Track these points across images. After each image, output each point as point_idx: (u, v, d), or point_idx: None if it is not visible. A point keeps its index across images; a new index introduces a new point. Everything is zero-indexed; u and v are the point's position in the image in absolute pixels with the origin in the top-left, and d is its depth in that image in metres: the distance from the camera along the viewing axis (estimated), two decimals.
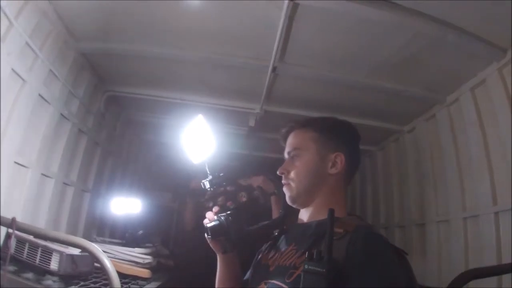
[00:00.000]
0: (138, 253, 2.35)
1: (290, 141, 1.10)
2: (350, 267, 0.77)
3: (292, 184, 1.03)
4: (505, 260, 1.93)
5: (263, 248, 1.14)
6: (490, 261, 2.01)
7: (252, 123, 3.10)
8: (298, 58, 2.36)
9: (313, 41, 2.18)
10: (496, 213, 2.09)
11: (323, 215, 0.91)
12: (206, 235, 1.05)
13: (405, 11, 1.83)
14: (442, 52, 2.14)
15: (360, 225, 0.88)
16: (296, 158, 1.05)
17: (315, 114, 2.82)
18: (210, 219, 1.06)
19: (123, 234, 2.85)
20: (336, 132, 1.08)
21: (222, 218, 1.02)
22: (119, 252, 2.33)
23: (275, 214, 2.47)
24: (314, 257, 0.75)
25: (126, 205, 3.00)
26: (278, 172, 1.07)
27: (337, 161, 1.02)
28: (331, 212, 0.79)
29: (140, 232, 2.70)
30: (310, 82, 2.61)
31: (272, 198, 2.52)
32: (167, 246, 3.50)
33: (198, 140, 1.14)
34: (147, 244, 2.64)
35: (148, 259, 2.35)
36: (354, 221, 0.93)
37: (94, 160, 3.01)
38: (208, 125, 1.13)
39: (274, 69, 2.38)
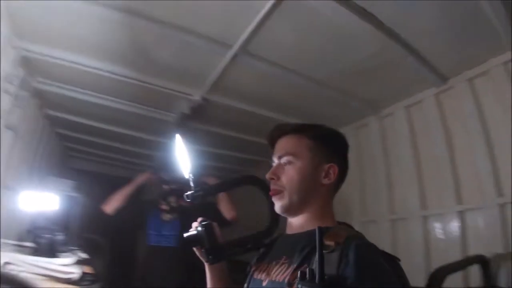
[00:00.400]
0: (58, 265, 1.90)
1: (283, 145, 1.06)
2: (345, 282, 0.77)
3: (285, 192, 1.00)
4: (434, 257, 2.30)
5: (255, 259, 1.12)
6: (418, 258, 2.37)
7: (186, 109, 2.81)
8: (263, 51, 2.20)
9: (284, 39, 2.07)
10: (425, 217, 2.44)
11: (313, 225, 0.93)
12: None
13: (376, 25, 1.87)
14: (394, 70, 2.29)
15: (350, 236, 0.87)
16: (289, 165, 1.02)
17: (260, 111, 2.84)
18: (192, 229, 1.10)
19: (35, 237, 2.32)
20: (331, 142, 1.08)
21: (200, 228, 1.04)
22: (31, 264, 1.81)
23: (226, 211, 2.44)
24: (307, 276, 0.75)
25: (39, 200, 2.42)
26: (267, 176, 1.04)
27: (330, 172, 1.02)
28: (320, 230, 0.78)
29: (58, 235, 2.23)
30: (265, 78, 2.48)
31: (220, 195, 2.42)
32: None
33: (180, 158, 1.16)
34: (68, 251, 2.23)
35: (72, 272, 1.92)
36: (343, 231, 0.91)
37: None
38: (184, 145, 1.16)
39: (234, 56, 2.18)
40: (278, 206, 1.02)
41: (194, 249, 1.10)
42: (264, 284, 0.98)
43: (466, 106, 2.28)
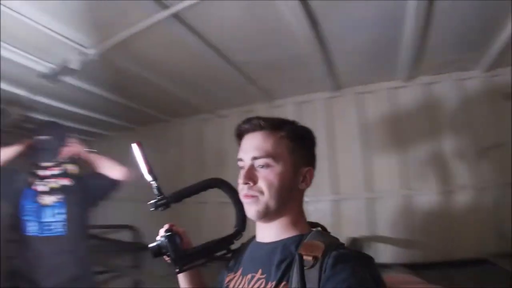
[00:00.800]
0: None
1: (259, 144, 0.93)
2: None
3: (261, 198, 0.90)
4: None
5: (227, 270, 1.04)
6: None
7: (76, 65, 2.17)
8: (197, 23, 1.95)
9: (225, 17, 1.91)
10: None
11: (288, 233, 0.92)
12: None
13: (311, 27, 1.93)
14: (301, 68, 2.45)
15: (328, 248, 0.81)
16: (267, 168, 0.91)
17: (159, 82, 2.56)
18: (159, 238, 1.04)
19: None
20: (309, 143, 1.01)
21: (162, 239, 1.01)
22: None
23: (111, 172, 2.14)
24: None
25: None
26: (241, 181, 0.92)
27: (307, 176, 0.96)
28: (300, 257, 0.78)
29: None
30: (184, 51, 2.20)
31: (91, 156, 2.18)
32: None
33: (141, 165, 1.08)
34: None
35: None
36: (319, 240, 0.85)
37: None
38: (142, 153, 1.08)
39: (165, 18, 1.84)
40: (252, 211, 0.91)
41: (166, 259, 1.04)
42: None
43: (351, 113, 2.71)
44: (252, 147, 0.93)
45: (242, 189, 0.92)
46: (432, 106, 2.63)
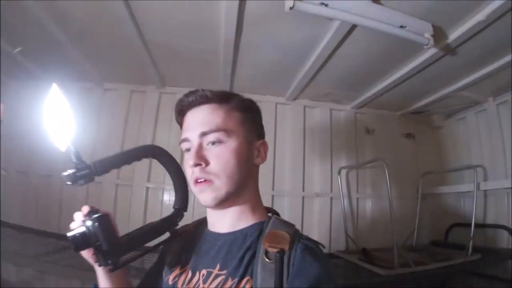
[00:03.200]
0: None
1: (206, 118, 0.82)
2: None
3: (217, 181, 0.79)
4: None
5: (167, 266, 0.90)
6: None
7: None
8: None
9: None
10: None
11: (247, 221, 0.84)
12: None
13: None
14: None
15: (293, 239, 0.75)
16: (219, 144, 0.80)
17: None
18: (76, 225, 0.76)
19: None
20: (257, 115, 0.94)
21: (88, 224, 0.74)
22: None
23: None
24: None
25: None
26: (191, 163, 0.79)
27: (261, 150, 0.88)
28: (280, 257, 0.70)
29: None
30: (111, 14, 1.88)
31: None
32: None
33: (57, 120, 0.74)
34: None
35: None
36: (282, 229, 0.79)
37: None
38: (64, 98, 0.75)
39: None
40: (208, 198, 0.79)
41: (83, 252, 0.80)
42: None
43: None
44: (199, 123, 0.81)
45: (193, 173, 0.79)
46: (309, 126, 3.06)
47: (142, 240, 0.81)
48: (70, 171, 0.72)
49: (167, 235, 0.88)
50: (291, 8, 1.44)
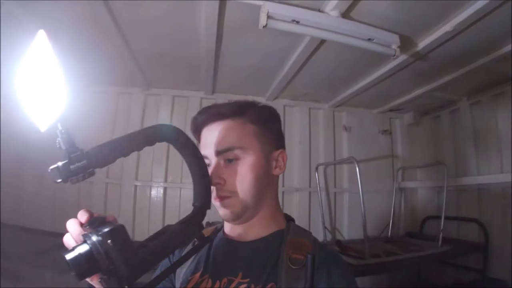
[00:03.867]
0: None
1: (222, 135, 0.81)
2: None
3: (235, 198, 0.79)
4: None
5: (186, 270, 0.84)
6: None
7: None
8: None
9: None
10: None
11: (268, 229, 0.83)
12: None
13: None
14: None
15: (314, 245, 0.78)
16: (237, 161, 0.80)
17: None
18: (73, 241, 0.59)
19: None
20: (275, 124, 0.92)
21: (95, 240, 0.54)
22: None
23: None
24: None
25: None
26: (212, 183, 0.78)
27: (280, 159, 0.87)
28: (312, 259, 0.67)
29: None
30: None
31: None
32: None
33: (42, 83, 0.53)
34: None
35: None
36: (304, 236, 0.81)
37: None
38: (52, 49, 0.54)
39: None
40: (227, 214, 0.80)
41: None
42: None
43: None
44: (214, 141, 0.80)
45: (212, 191, 0.79)
46: (289, 124, 3.21)
47: (164, 254, 0.65)
48: (61, 163, 0.52)
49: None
50: (264, 26, 1.55)
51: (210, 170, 0.79)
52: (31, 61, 0.51)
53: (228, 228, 0.88)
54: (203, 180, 0.75)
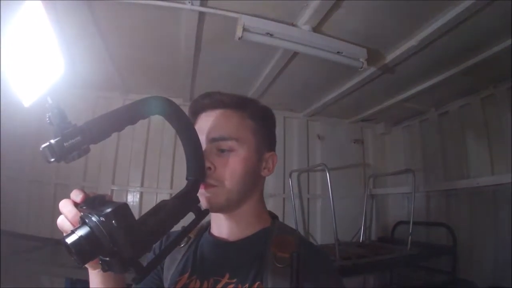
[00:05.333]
0: None
1: (222, 124, 0.80)
2: None
3: (221, 188, 0.77)
4: None
5: (173, 271, 0.83)
6: None
7: None
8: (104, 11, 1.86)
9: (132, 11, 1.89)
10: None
11: (253, 228, 0.83)
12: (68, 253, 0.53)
13: None
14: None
15: (299, 243, 0.78)
16: (230, 152, 0.79)
17: None
18: (68, 223, 0.57)
19: None
20: (271, 124, 0.91)
21: (94, 219, 0.52)
22: None
23: None
24: None
25: None
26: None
27: (270, 162, 0.86)
28: (297, 258, 0.66)
29: None
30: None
31: None
32: None
33: (32, 53, 0.53)
34: None
35: None
36: (288, 234, 0.81)
37: None
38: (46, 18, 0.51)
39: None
40: (210, 203, 0.77)
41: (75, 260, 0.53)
42: None
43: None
44: (212, 127, 0.79)
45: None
46: None
47: (162, 231, 0.63)
48: (53, 141, 0.49)
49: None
50: (239, 38, 1.64)
51: None
52: (20, 29, 0.47)
53: (214, 228, 0.87)
54: (196, 152, 0.72)
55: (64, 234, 0.52)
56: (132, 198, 2.92)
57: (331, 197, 2.45)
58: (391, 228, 3.42)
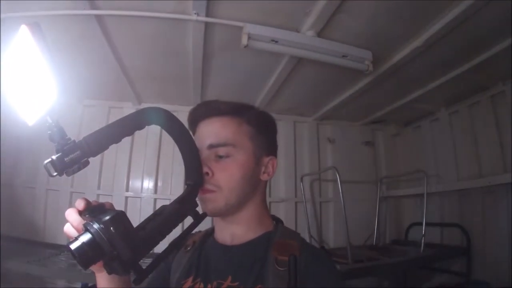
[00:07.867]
0: None
1: (217, 130, 0.83)
2: None
3: (219, 193, 0.79)
4: None
5: (178, 275, 0.86)
6: None
7: None
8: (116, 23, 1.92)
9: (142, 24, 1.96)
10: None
11: (255, 232, 0.84)
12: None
13: None
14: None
15: (302, 247, 0.78)
16: (227, 158, 0.81)
17: None
18: (74, 230, 0.63)
19: None
20: (270, 129, 0.92)
21: (96, 227, 0.57)
22: None
23: None
24: None
25: None
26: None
27: (269, 166, 0.88)
28: (294, 261, 0.70)
29: None
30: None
31: None
32: None
33: (28, 77, 0.55)
34: None
35: None
36: (290, 238, 0.82)
37: None
38: (42, 42, 0.53)
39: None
40: (209, 208, 0.80)
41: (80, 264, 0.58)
42: None
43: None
44: (210, 135, 0.82)
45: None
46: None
47: (161, 235, 0.66)
48: (55, 157, 0.54)
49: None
50: (245, 46, 1.68)
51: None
52: (14, 56, 0.53)
53: (217, 232, 0.90)
54: (194, 158, 0.76)
55: (69, 240, 0.57)
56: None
57: (342, 200, 2.46)
58: (405, 230, 3.40)
